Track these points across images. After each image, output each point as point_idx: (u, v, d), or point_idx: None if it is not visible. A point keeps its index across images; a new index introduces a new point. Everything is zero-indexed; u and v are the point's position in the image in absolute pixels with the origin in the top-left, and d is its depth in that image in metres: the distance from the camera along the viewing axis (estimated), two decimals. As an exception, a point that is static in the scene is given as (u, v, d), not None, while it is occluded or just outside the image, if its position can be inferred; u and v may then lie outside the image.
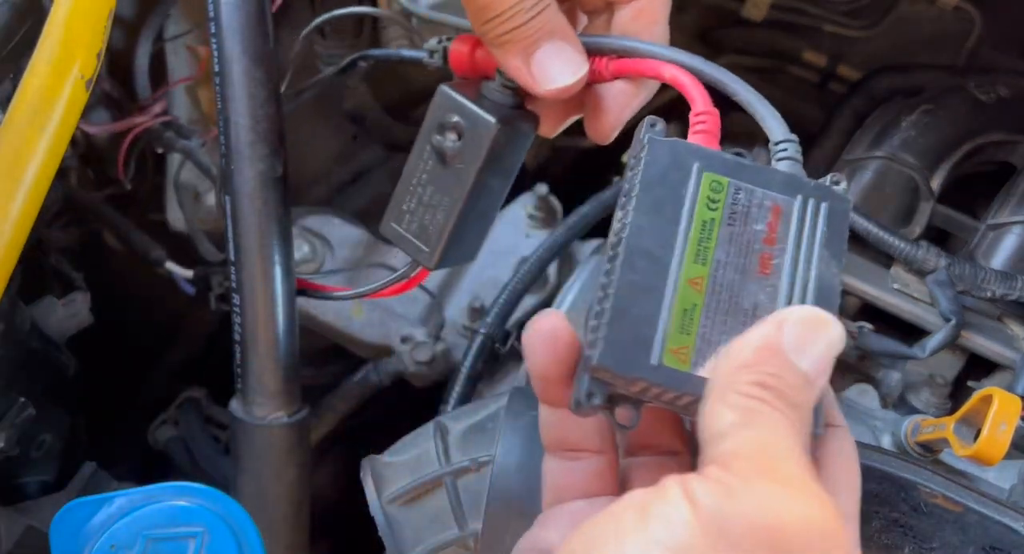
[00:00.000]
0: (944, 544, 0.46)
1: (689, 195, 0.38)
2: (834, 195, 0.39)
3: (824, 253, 0.38)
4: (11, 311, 0.65)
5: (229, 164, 0.56)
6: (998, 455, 0.57)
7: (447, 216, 0.45)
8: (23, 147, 0.47)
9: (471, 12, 0.41)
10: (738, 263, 0.38)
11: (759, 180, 0.39)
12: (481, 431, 0.52)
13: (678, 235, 0.38)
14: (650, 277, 0.37)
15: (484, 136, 0.43)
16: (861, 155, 0.89)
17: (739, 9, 1.05)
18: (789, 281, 0.38)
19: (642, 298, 0.37)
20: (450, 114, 0.43)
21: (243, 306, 0.59)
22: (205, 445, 0.94)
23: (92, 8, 0.52)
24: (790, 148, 0.41)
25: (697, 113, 0.42)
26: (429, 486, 0.50)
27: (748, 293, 0.37)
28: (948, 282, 0.77)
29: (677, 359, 0.36)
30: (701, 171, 0.39)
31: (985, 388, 0.60)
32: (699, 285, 0.37)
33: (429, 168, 0.45)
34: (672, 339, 0.36)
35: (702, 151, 0.40)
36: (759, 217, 0.39)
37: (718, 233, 0.38)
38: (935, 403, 0.77)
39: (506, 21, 0.41)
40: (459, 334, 0.85)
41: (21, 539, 0.62)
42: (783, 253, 0.38)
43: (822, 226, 0.39)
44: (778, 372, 0.33)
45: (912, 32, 1.04)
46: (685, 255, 0.37)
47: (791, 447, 0.32)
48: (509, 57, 0.42)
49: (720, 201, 0.39)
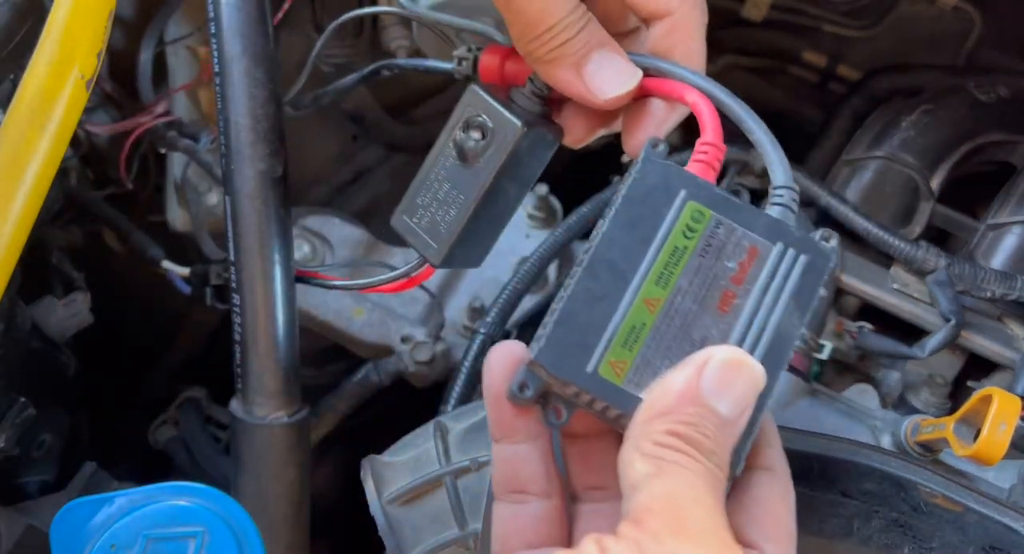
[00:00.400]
0: (944, 544, 0.46)
1: (668, 219, 0.39)
2: (818, 250, 0.39)
3: (790, 304, 0.38)
4: (11, 311, 0.65)
5: (229, 164, 0.56)
6: (998, 455, 0.57)
7: (460, 214, 0.45)
8: (23, 147, 0.47)
9: (516, 30, 0.41)
10: (699, 294, 0.38)
11: (743, 219, 0.39)
12: (481, 431, 0.52)
13: (647, 254, 0.38)
14: (607, 287, 0.38)
15: (509, 137, 0.43)
16: (861, 155, 0.89)
17: (739, 9, 1.05)
18: (746, 323, 0.38)
19: (594, 306, 0.37)
20: (477, 113, 0.44)
21: (243, 306, 0.59)
22: (205, 445, 0.94)
23: (92, 8, 0.52)
24: (786, 195, 0.41)
25: (703, 143, 0.42)
26: (429, 486, 0.50)
27: (701, 325, 0.38)
28: (948, 282, 0.77)
29: (613, 372, 0.37)
30: (687, 199, 0.39)
31: (985, 388, 0.60)
32: (654, 306, 0.38)
33: (449, 165, 0.45)
34: (613, 352, 0.37)
35: (694, 180, 0.40)
36: (733, 254, 0.39)
37: (687, 261, 0.38)
38: (935, 403, 0.77)
39: (555, 36, 0.40)
40: (459, 334, 0.85)
41: (21, 539, 0.62)
42: (747, 295, 0.38)
43: (796, 277, 0.39)
44: (694, 419, 0.34)
45: (912, 32, 1.04)
46: (649, 274, 0.38)
47: (701, 497, 0.32)
48: (560, 71, 0.42)
49: (698, 231, 0.39)
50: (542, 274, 0.79)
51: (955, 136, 0.88)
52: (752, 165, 0.83)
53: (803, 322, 0.39)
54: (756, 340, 0.38)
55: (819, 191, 0.81)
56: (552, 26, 0.40)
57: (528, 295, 0.80)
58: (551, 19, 0.40)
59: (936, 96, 0.91)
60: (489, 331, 0.72)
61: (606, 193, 0.78)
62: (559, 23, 0.40)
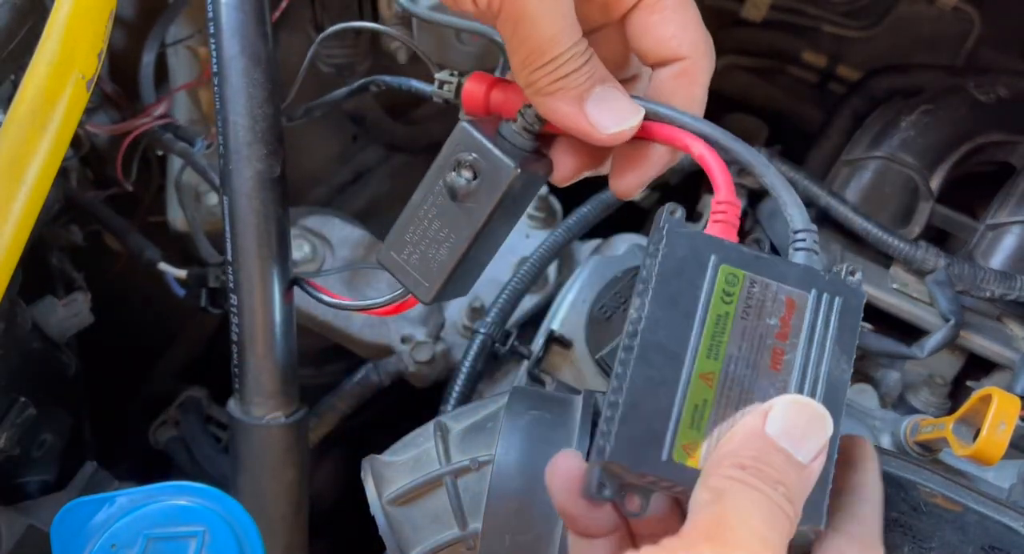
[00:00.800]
0: (943, 544, 0.46)
1: (705, 288, 0.38)
2: (848, 289, 0.40)
3: (835, 349, 0.39)
4: (12, 311, 0.65)
5: (227, 164, 0.56)
6: (997, 455, 0.57)
7: (451, 253, 0.44)
8: (24, 147, 0.47)
9: (520, 57, 0.40)
10: (750, 358, 0.38)
11: (775, 273, 0.39)
12: (481, 431, 0.52)
13: (692, 329, 0.38)
14: (663, 372, 0.37)
15: (502, 179, 0.43)
16: (860, 155, 0.89)
17: (739, 9, 1.05)
18: (799, 378, 0.38)
19: (655, 393, 0.37)
20: (468, 152, 0.43)
21: (240, 306, 0.59)
22: (206, 445, 0.94)
23: (93, 8, 0.52)
24: (808, 239, 0.41)
25: (719, 202, 0.41)
26: (429, 486, 0.50)
27: (759, 389, 0.38)
28: (947, 282, 0.77)
29: (686, 454, 0.37)
30: (718, 263, 0.39)
31: (984, 388, 0.60)
32: (711, 380, 0.38)
33: (439, 202, 0.44)
34: (683, 435, 0.37)
35: (720, 243, 0.40)
36: (773, 311, 0.39)
37: (732, 327, 0.38)
38: (934, 403, 0.77)
39: (559, 67, 0.40)
40: (459, 334, 0.85)
41: (22, 539, 0.62)
42: (795, 349, 0.38)
43: (835, 322, 0.39)
44: (758, 453, 0.34)
45: (911, 32, 1.04)
46: (699, 350, 0.38)
47: (752, 518, 0.31)
48: (561, 104, 0.41)
49: (735, 294, 0.39)
50: (542, 274, 0.79)
51: (955, 136, 0.88)
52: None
53: (850, 365, 0.39)
54: (811, 393, 0.38)
55: (819, 191, 0.81)
56: (557, 56, 0.40)
57: (528, 295, 0.80)
58: (557, 48, 0.39)
59: (936, 96, 0.91)
60: (489, 331, 0.72)
61: (606, 193, 0.78)
62: (564, 53, 0.40)
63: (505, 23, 0.39)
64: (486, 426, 0.51)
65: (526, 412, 0.50)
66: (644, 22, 0.42)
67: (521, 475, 0.48)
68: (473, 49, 0.81)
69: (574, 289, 0.75)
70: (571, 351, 0.72)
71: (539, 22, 0.39)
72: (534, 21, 0.38)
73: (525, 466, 0.48)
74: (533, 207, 0.86)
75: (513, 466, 0.48)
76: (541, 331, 0.75)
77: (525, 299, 0.79)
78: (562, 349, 0.72)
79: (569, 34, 0.40)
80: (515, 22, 0.39)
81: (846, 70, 1.08)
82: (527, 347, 0.73)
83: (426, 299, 0.46)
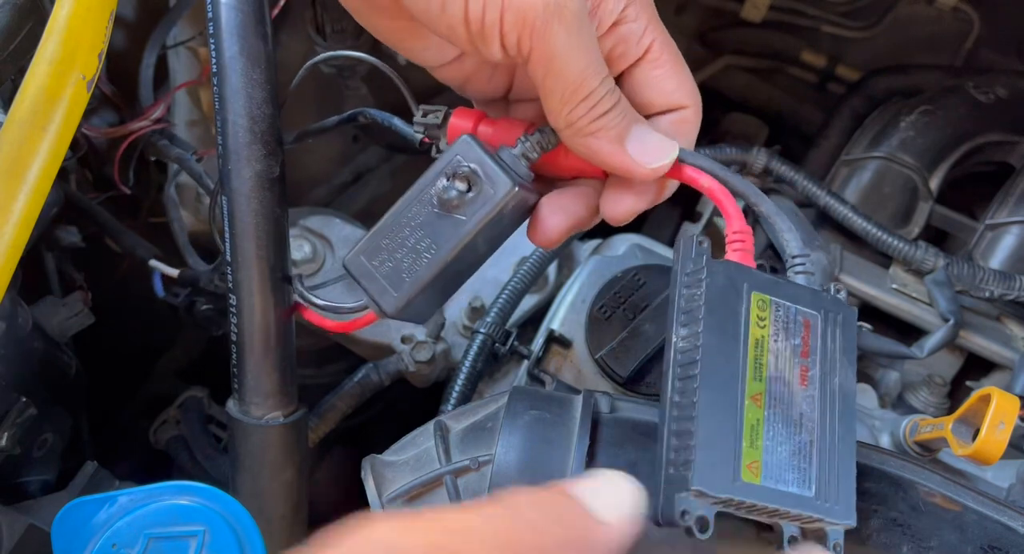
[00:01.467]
0: (942, 543, 0.46)
1: (743, 314, 0.42)
2: (844, 306, 0.44)
3: (844, 361, 0.43)
4: (13, 311, 0.65)
5: (226, 164, 0.56)
6: (996, 454, 0.57)
7: (430, 265, 0.44)
8: (25, 147, 0.47)
9: (557, 97, 0.41)
10: (785, 377, 0.42)
11: (791, 296, 0.43)
12: (481, 430, 0.52)
13: (739, 353, 0.41)
14: (726, 396, 0.40)
15: (499, 194, 0.43)
16: (860, 155, 0.89)
17: (738, 10, 1.05)
18: (822, 391, 0.42)
19: (722, 417, 0.40)
20: (466, 163, 0.43)
21: (239, 306, 0.59)
22: (206, 444, 0.94)
23: (93, 8, 0.52)
24: (806, 263, 0.44)
25: (735, 231, 0.44)
26: (429, 485, 0.50)
27: (795, 405, 0.41)
28: (947, 282, 0.77)
29: (752, 473, 0.40)
30: (750, 290, 0.42)
31: (983, 388, 0.60)
32: (759, 401, 0.41)
33: (425, 211, 0.44)
34: (747, 455, 0.40)
35: (748, 272, 0.43)
36: (795, 332, 0.43)
37: (768, 348, 0.42)
38: (933, 402, 0.77)
39: (596, 104, 0.41)
40: (459, 334, 0.85)
41: (23, 538, 0.63)
42: (815, 365, 0.42)
43: (840, 337, 0.43)
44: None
45: (911, 33, 1.04)
46: (747, 372, 0.41)
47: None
48: (603, 143, 0.43)
49: (767, 319, 0.42)
50: (542, 274, 0.79)
51: (954, 136, 0.89)
52: (752, 165, 0.84)
53: (855, 374, 0.43)
54: (833, 402, 0.42)
55: (818, 191, 0.81)
56: (592, 91, 0.41)
57: (528, 295, 0.80)
58: (591, 83, 0.41)
59: (935, 96, 0.91)
60: (489, 331, 0.72)
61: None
62: (598, 89, 0.41)
63: (537, 64, 0.40)
64: (486, 426, 0.51)
65: (526, 412, 0.50)
66: (647, 76, 0.45)
67: (521, 475, 0.48)
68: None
69: (574, 289, 0.75)
70: (571, 351, 0.72)
71: (571, 58, 0.40)
72: (566, 57, 0.40)
73: (525, 466, 0.48)
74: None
75: (513, 466, 0.48)
76: (541, 331, 0.75)
77: (525, 299, 0.79)
78: (562, 349, 0.72)
79: (599, 70, 0.41)
80: (547, 60, 0.40)
81: (846, 70, 1.08)
82: (527, 347, 0.73)
83: (389, 310, 0.44)
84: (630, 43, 0.44)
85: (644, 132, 0.44)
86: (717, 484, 0.39)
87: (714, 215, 0.86)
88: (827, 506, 0.41)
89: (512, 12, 0.39)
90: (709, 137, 1.22)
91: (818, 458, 0.42)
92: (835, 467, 0.42)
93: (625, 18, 0.43)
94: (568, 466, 0.47)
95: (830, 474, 0.42)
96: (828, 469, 0.42)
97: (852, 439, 0.42)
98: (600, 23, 0.43)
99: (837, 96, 1.04)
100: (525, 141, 0.44)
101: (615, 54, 0.44)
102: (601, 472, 0.35)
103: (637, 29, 0.44)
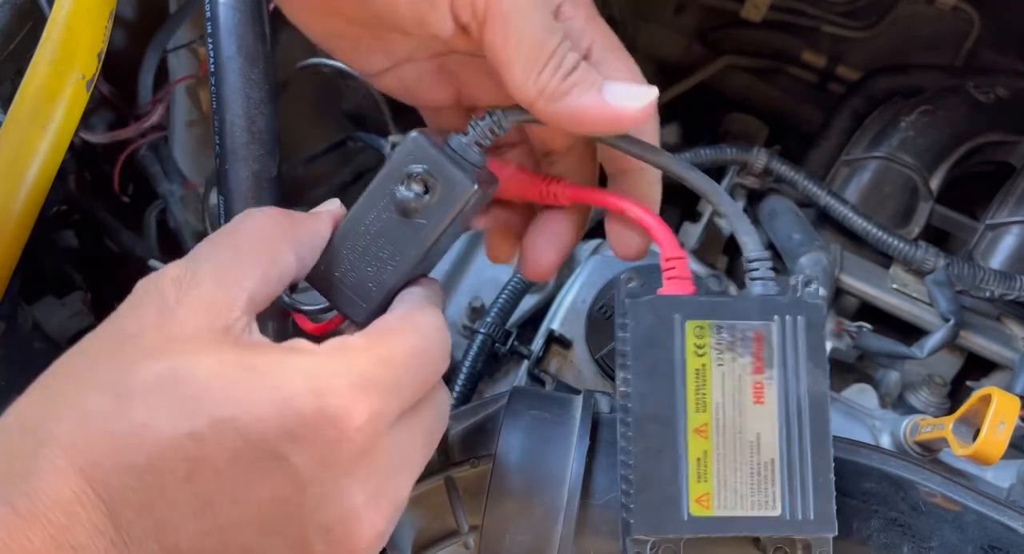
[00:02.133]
0: (943, 543, 0.46)
1: (677, 348, 0.41)
2: (807, 305, 0.42)
3: (809, 366, 0.41)
4: (12, 311, 0.65)
5: (224, 164, 0.56)
6: (997, 454, 0.57)
7: (395, 271, 0.42)
8: (24, 146, 0.47)
9: (519, 64, 0.38)
10: (735, 399, 0.41)
11: (737, 312, 0.41)
12: (481, 431, 0.52)
13: (676, 390, 0.41)
14: (661, 438, 0.40)
15: (458, 196, 0.41)
16: (860, 155, 0.89)
17: (738, 10, 1.05)
18: (782, 405, 0.41)
19: (660, 460, 0.40)
20: (420, 164, 0.41)
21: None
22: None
23: (93, 9, 0.52)
24: (762, 268, 0.43)
25: (667, 258, 0.43)
26: (429, 485, 0.50)
27: (748, 427, 0.41)
28: (947, 282, 0.77)
29: (701, 507, 0.40)
30: (683, 320, 0.41)
31: (984, 388, 0.60)
32: (705, 432, 0.40)
33: (384, 217, 0.42)
34: (693, 490, 0.40)
35: (680, 300, 0.42)
36: (744, 349, 0.41)
37: (711, 376, 0.41)
38: (934, 403, 0.77)
39: (563, 61, 0.39)
40: (459, 334, 0.85)
41: (22, 539, 0.62)
42: (772, 379, 0.41)
43: (802, 341, 0.41)
44: None
45: (911, 32, 1.04)
46: (687, 407, 0.41)
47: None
48: (583, 99, 0.39)
49: (706, 345, 0.41)
50: (542, 274, 0.79)
51: (954, 136, 0.88)
52: (752, 165, 0.84)
53: (827, 375, 0.41)
54: (798, 412, 0.41)
55: (818, 191, 0.81)
56: (557, 48, 0.38)
57: (528, 295, 0.80)
58: (554, 39, 0.38)
59: (935, 96, 0.91)
60: (489, 331, 0.72)
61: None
62: (561, 46, 0.39)
63: (494, 26, 0.38)
64: (486, 426, 0.51)
65: (526, 412, 0.50)
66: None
67: (521, 475, 0.48)
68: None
69: (574, 289, 0.75)
70: (571, 351, 0.72)
71: (528, 15, 0.38)
72: (523, 16, 0.38)
73: (525, 466, 0.48)
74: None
75: (513, 466, 0.48)
76: (541, 331, 0.75)
77: (525, 299, 0.79)
78: (562, 349, 0.72)
79: (557, 27, 0.39)
80: (504, 21, 0.38)
81: (846, 70, 1.08)
82: (527, 347, 0.73)
83: (360, 319, 0.43)
84: (571, 39, 0.41)
85: (612, 82, 0.40)
86: (660, 525, 0.40)
87: (714, 215, 0.86)
88: (798, 522, 0.41)
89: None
90: (709, 137, 1.22)
91: (785, 475, 0.41)
92: (806, 480, 0.41)
93: (563, 14, 0.41)
94: (568, 466, 0.47)
95: (801, 488, 0.41)
96: (799, 484, 0.41)
97: (826, 446, 0.41)
98: None
99: (837, 96, 1.04)
100: (475, 126, 0.42)
101: None
102: None
103: (576, 26, 0.41)
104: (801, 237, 0.81)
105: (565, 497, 0.47)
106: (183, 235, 0.89)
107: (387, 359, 0.35)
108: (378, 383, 0.34)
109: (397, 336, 0.37)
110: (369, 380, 0.33)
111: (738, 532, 0.40)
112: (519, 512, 0.47)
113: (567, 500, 0.47)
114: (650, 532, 0.40)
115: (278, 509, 0.32)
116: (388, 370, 0.35)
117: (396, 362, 0.35)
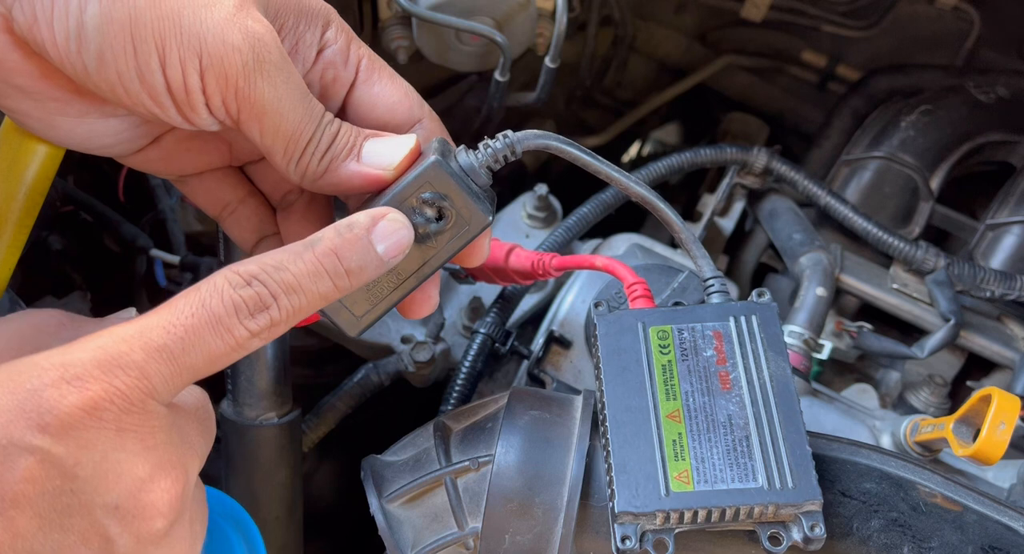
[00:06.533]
0: (943, 543, 0.46)
1: (643, 349, 0.47)
2: (760, 306, 0.48)
3: (770, 353, 0.46)
4: (12, 311, 0.65)
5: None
6: (997, 455, 0.57)
7: (397, 290, 0.42)
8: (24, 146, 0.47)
9: (279, 155, 0.40)
10: (703, 387, 0.46)
11: (695, 317, 0.48)
12: (481, 431, 0.52)
13: (646, 384, 0.46)
14: (636, 426, 0.45)
15: (473, 229, 0.42)
16: (860, 155, 0.89)
17: (739, 10, 1.05)
18: (748, 386, 0.45)
19: (635, 444, 0.44)
20: (437, 192, 0.41)
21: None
22: (205, 445, 0.94)
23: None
24: (716, 284, 0.49)
25: (630, 285, 0.51)
26: (429, 486, 0.50)
27: (719, 407, 0.45)
28: (947, 282, 0.77)
29: (682, 482, 0.43)
30: (647, 327, 0.47)
31: (984, 388, 0.60)
32: (677, 416, 0.45)
33: None
34: (672, 468, 0.43)
35: (643, 312, 0.48)
36: (705, 345, 0.47)
37: (678, 370, 0.46)
38: (934, 403, 0.77)
39: (319, 144, 0.40)
40: (459, 334, 0.85)
41: (21, 539, 0.62)
42: (736, 367, 0.46)
43: (759, 333, 0.47)
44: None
45: (911, 32, 1.04)
46: (658, 397, 0.45)
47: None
48: (340, 173, 0.41)
49: (669, 344, 0.47)
50: (542, 274, 0.79)
51: (954, 136, 0.88)
52: (752, 165, 0.84)
53: (787, 361, 0.46)
54: (764, 394, 0.45)
55: (819, 191, 0.81)
56: (312, 135, 0.40)
57: (528, 295, 0.80)
58: (310, 128, 0.39)
59: (935, 96, 0.91)
60: (489, 331, 0.72)
61: (606, 193, 0.78)
62: (318, 130, 0.40)
63: (250, 123, 0.38)
64: (486, 426, 0.51)
65: (526, 412, 0.50)
66: (368, 94, 0.44)
67: (521, 475, 0.48)
68: (473, 49, 0.81)
69: (574, 289, 0.75)
70: (571, 351, 0.72)
71: (283, 110, 0.38)
72: (277, 111, 0.38)
73: (525, 466, 0.48)
74: (533, 207, 0.86)
75: (513, 466, 0.48)
76: (541, 331, 0.75)
77: (525, 299, 0.79)
78: (562, 349, 0.72)
79: (314, 113, 0.40)
80: (259, 118, 0.38)
81: (846, 70, 1.08)
82: (527, 347, 0.73)
83: (352, 332, 0.43)
84: (338, 66, 0.42)
85: (374, 141, 0.41)
86: (643, 502, 0.42)
87: (714, 215, 0.86)
88: (781, 491, 0.43)
89: (212, 73, 0.36)
90: (709, 137, 1.22)
91: (761, 449, 0.44)
92: (782, 452, 0.44)
93: (326, 42, 0.42)
94: (568, 466, 0.47)
95: (777, 460, 0.43)
96: (775, 456, 0.43)
97: (797, 421, 0.44)
98: (304, 59, 0.41)
99: (837, 96, 1.04)
100: (487, 149, 0.42)
101: (327, 81, 0.43)
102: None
103: (341, 49, 0.42)
104: (801, 237, 0.81)
105: (565, 497, 0.47)
106: (177, 243, 0.89)
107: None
108: (122, 360, 0.32)
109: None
110: (113, 357, 0.32)
111: (721, 503, 0.42)
112: (519, 513, 0.47)
113: (567, 500, 0.47)
114: (633, 509, 0.42)
115: (54, 502, 0.31)
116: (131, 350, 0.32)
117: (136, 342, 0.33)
